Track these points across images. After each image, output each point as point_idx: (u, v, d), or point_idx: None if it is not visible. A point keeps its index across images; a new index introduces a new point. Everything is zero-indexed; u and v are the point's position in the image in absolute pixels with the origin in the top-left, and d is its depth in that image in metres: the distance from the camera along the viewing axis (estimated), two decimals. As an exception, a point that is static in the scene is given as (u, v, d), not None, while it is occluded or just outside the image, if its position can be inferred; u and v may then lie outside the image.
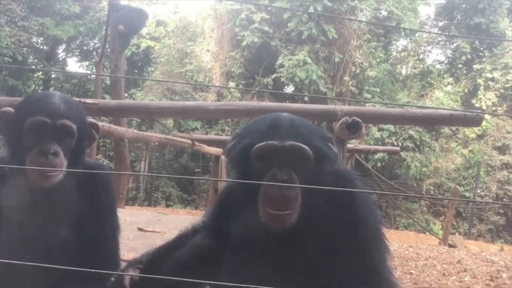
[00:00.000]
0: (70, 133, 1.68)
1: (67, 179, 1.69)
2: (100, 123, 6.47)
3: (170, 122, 15.48)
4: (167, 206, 15.12)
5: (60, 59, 19.40)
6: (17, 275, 1.68)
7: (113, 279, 1.54)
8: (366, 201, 1.52)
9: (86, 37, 18.35)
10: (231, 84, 15.71)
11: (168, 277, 1.38)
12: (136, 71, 18.16)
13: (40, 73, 18.07)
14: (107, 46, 8.98)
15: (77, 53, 19.57)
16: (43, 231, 1.69)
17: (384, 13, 15.62)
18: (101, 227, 1.77)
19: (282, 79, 14.70)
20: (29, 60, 16.81)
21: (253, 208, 1.44)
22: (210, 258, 1.60)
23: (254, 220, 1.45)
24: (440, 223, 14.20)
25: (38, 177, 1.63)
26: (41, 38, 17.23)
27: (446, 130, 15.53)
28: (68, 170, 1.66)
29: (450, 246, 8.67)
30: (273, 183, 1.37)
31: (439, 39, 17.98)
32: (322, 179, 1.43)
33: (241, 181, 1.46)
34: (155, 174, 15.08)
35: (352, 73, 15.09)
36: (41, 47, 18.30)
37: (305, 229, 1.42)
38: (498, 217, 14.49)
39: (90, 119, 1.83)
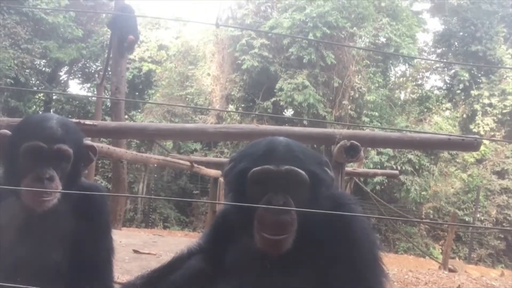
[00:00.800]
0: (66, 157, 1.67)
1: (62, 201, 1.69)
2: (99, 144, 6.50)
3: (169, 144, 15.52)
4: (165, 228, 15.00)
5: (62, 81, 19.61)
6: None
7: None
8: (363, 226, 1.51)
9: (88, 60, 18.61)
10: (231, 107, 15.83)
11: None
12: (137, 93, 18.32)
13: (42, 94, 18.20)
14: (109, 69, 9.11)
15: (79, 75, 19.78)
16: (36, 254, 1.67)
17: (383, 39, 15.87)
18: (95, 250, 1.75)
19: (281, 103, 14.83)
20: (31, 81, 16.97)
21: (248, 233, 1.44)
22: (205, 282, 1.59)
23: (250, 245, 1.44)
24: (440, 247, 14.07)
25: (32, 201, 1.62)
26: (44, 60, 17.46)
27: (445, 154, 15.57)
28: (63, 192, 1.65)
29: (450, 270, 8.57)
30: (269, 207, 1.37)
31: (437, 65, 18.22)
32: (318, 204, 1.44)
33: (239, 204, 1.46)
34: (152, 197, 14.99)
35: (351, 97, 15.22)
36: (44, 69, 18.53)
37: (301, 254, 1.41)
38: (498, 241, 14.39)
39: (87, 141, 1.83)
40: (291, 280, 1.44)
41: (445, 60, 18.53)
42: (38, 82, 17.77)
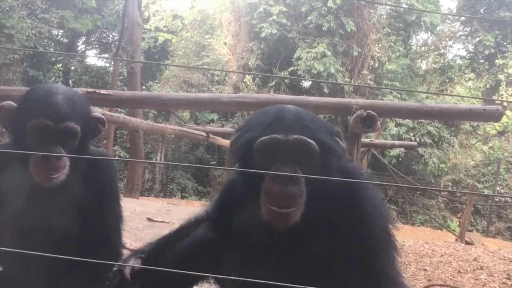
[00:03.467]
0: (73, 135, 1.66)
1: (72, 173, 1.68)
2: (115, 114, 6.53)
3: (186, 114, 15.56)
4: (182, 197, 15.23)
5: (80, 51, 19.67)
6: (20, 263, 1.69)
7: (115, 268, 1.54)
8: (373, 199, 1.45)
9: (104, 30, 18.54)
10: (248, 77, 15.66)
11: (168, 269, 1.37)
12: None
13: (60, 65, 18.33)
14: (124, 38, 9.06)
15: (96, 46, 19.80)
16: (46, 220, 1.69)
17: (405, 6, 15.32)
18: (103, 216, 1.76)
19: (299, 72, 14.60)
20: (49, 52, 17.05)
21: (255, 204, 1.38)
22: (213, 250, 1.57)
23: (257, 216, 1.39)
24: (458, 220, 13.95)
25: (40, 178, 1.61)
26: (61, 31, 17.48)
27: (466, 126, 15.23)
28: (72, 157, 1.64)
29: (467, 243, 8.51)
30: (277, 176, 1.31)
31: (461, 33, 17.57)
32: (328, 176, 1.36)
33: (251, 170, 1.39)
34: (165, 162, 15.15)
35: (370, 67, 14.89)
36: (61, 39, 18.58)
37: (309, 227, 1.36)
38: (518, 215, 14.19)
39: (95, 113, 1.79)
40: (298, 254, 1.40)
41: (469, 26, 17.77)
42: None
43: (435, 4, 15.49)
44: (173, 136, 13.54)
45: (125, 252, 1.85)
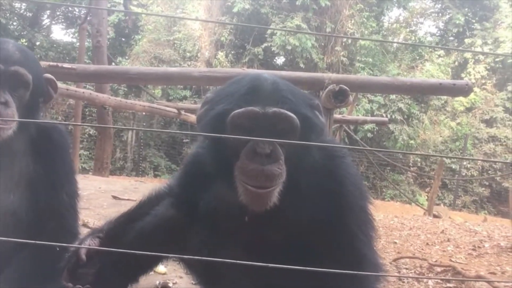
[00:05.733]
0: (24, 83, 1.54)
1: (20, 138, 1.56)
2: (80, 90, 6.27)
3: (158, 91, 15.23)
4: (155, 176, 15.04)
5: (45, 25, 18.82)
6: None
7: (71, 249, 1.45)
8: (354, 178, 1.37)
9: (71, 3, 17.76)
10: (220, 53, 15.37)
11: (125, 251, 1.28)
12: (123, 39, 17.70)
13: (24, 40, 17.52)
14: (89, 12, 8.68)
15: (62, 20, 18.98)
16: None
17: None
18: (55, 192, 1.64)
19: (273, 49, 14.45)
20: (12, 25, 16.25)
21: (227, 182, 1.27)
22: (175, 230, 1.47)
23: (227, 195, 1.29)
24: (426, 194, 14.37)
25: None
26: (24, 4, 16.64)
27: (435, 102, 15.52)
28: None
29: (435, 216, 8.74)
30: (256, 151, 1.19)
31: (432, 10, 17.71)
32: (308, 152, 1.28)
33: (233, 136, 1.22)
34: (122, 127, 14.84)
35: (343, 43, 14.86)
36: (25, 13, 17.70)
37: (285, 207, 1.26)
38: (483, 189, 14.71)
39: (47, 74, 1.68)
40: (272, 234, 1.33)
41: (440, 3, 17.94)
42: (19, 27, 17.05)
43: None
44: (144, 113, 13.27)
45: (86, 232, 1.75)
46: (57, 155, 1.68)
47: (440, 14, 17.61)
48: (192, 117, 8.99)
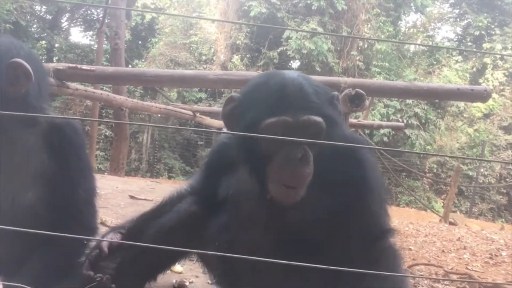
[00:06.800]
0: None
1: (29, 134, 1.57)
2: (98, 91, 6.35)
3: (173, 93, 15.36)
4: (169, 178, 15.15)
5: (64, 28, 19.16)
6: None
7: (93, 243, 1.48)
8: (375, 170, 1.50)
9: (90, 7, 18.06)
10: (236, 57, 15.45)
11: (146, 245, 1.31)
12: (140, 42, 17.92)
13: (44, 42, 17.86)
14: (108, 15, 8.81)
15: (81, 23, 19.30)
16: (9, 194, 1.57)
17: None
18: (72, 188, 1.64)
19: (289, 52, 14.46)
20: (32, 28, 16.59)
21: (256, 178, 1.37)
22: (196, 225, 1.51)
23: (256, 190, 1.38)
24: (442, 201, 14.17)
25: None
26: (45, 7, 16.97)
27: (452, 108, 15.33)
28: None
29: (451, 224, 8.61)
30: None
31: (450, 15, 17.52)
32: (332, 147, 1.37)
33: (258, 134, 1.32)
34: (141, 124, 14.98)
35: (359, 48, 14.80)
36: (45, 15, 18.05)
37: (311, 198, 1.37)
38: (500, 196, 14.45)
39: (16, 60, 1.57)
40: (299, 225, 1.41)
41: (459, 9, 17.74)
42: (39, 29, 17.39)
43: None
44: (159, 115, 13.39)
45: (105, 230, 1.78)
46: (72, 151, 1.67)
47: (458, 19, 17.41)
48: (208, 120, 9.05)
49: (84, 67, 4.34)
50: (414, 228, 6.61)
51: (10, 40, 1.63)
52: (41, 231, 1.21)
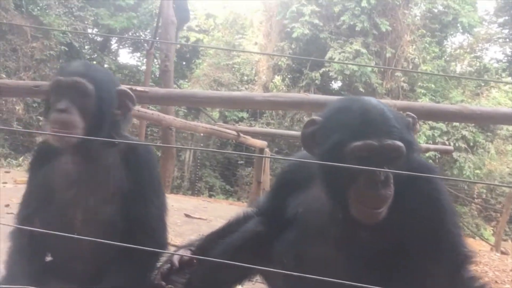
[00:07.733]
0: (83, 92, 1.64)
1: (111, 152, 1.70)
2: (149, 111, 6.58)
3: (215, 113, 15.64)
4: (210, 196, 15.31)
5: (113, 49, 20.08)
6: (67, 253, 1.70)
7: (164, 258, 1.55)
8: (447, 196, 1.51)
9: (138, 29, 18.86)
10: (277, 78, 15.59)
11: (215, 260, 1.36)
12: (184, 63, 18.46)
13: (94, 62, 18.75)
14: (157, 37, 9.18)
15: (129, 44, 20.15)
16: (90, 208, 1.69)
17: (440, 7, 14.95)
18: (146, 205, 1.73)
19: (331, 73, 14.45)
20: (84, 49, 17.48)
21: (334, 197, 1.43)
22: (262, 245, 1.56)
23: (327, 208, 1.43)
24: (492, 228, 13.51)
25: (51, 137, 1.64)
26: (96, 29, 17.88)
27: (502, 131, 14.71)
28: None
29: (502, 253, 8.21)
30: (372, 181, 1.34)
31: (499, 35, 17.00)
32: (409, 171, 1.40)
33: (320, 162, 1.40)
34: (189, 148, 15.22)
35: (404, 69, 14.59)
36: (95, 38, 19.00)
37: (388, 221, 1.40)
38: (556, 225, 13.61)
39: (122, 87, 1.77)
40: (378, 244, 1.43)
41: (507, 29, 17.19)
42: (90, 50, 18.31)
43: (473, 5, 15.05)
44: (202, 135, 13.65)
45: (170, 248, 1.84)
46: (146, 170, 1.76)
47: (508, 40, 16.86)
48: (250, 140, 9.13)
49: (139, 88, 4.52)
50: (464, 256, 6.32)
51: (93, 65, 1.86)
52: (120, 243, 1.29)
